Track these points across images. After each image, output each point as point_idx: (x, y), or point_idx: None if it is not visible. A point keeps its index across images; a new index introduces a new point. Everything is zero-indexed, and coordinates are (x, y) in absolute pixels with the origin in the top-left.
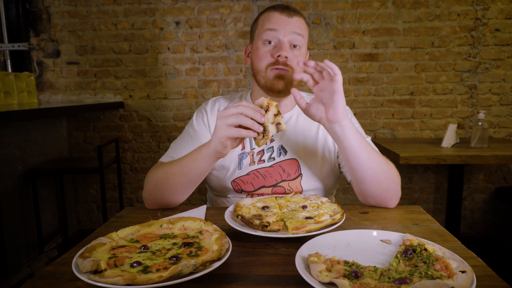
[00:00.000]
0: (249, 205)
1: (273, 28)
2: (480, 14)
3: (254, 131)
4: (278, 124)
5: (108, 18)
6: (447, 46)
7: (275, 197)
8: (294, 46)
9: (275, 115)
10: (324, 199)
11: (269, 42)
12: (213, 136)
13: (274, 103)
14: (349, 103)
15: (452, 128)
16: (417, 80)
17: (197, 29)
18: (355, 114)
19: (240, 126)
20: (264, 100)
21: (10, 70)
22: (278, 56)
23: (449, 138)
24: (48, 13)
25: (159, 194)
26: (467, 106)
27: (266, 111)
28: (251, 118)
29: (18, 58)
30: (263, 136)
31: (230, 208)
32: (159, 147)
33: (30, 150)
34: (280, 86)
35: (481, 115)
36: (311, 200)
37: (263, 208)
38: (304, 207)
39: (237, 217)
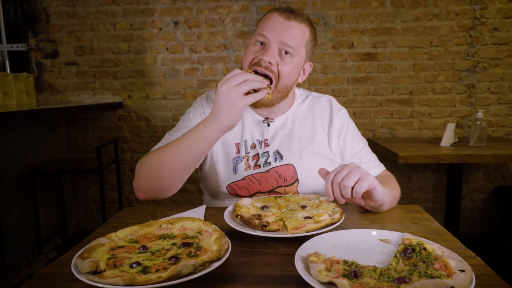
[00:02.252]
0: (248, 205)
1: (265, 29)
2: (478, 13)
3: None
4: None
5: (106, 18)
6: (445, 45)
7: (274, 197)
8: (286, 52)
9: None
10: (323, 199)
11: (261, 43)
12: (225, 110)
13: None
14: (348, 102)
15: (450, 127)
16: (416, 79)
17: (196, 29)
18: (353, 114)
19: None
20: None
21: (8, 71)
22: (261, 59)
23: (448, 137)
24: (46, 14)
25: (152, 180)
26: (466, 105)
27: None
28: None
29: (17, 58)
30: (272, 85)
31: (230, 208)
32: None
33: (29, 151)
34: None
35: (480, 114)
36: (310, 200)
37: (263, 208)
38: (303, 206)
39: (237, 217)
